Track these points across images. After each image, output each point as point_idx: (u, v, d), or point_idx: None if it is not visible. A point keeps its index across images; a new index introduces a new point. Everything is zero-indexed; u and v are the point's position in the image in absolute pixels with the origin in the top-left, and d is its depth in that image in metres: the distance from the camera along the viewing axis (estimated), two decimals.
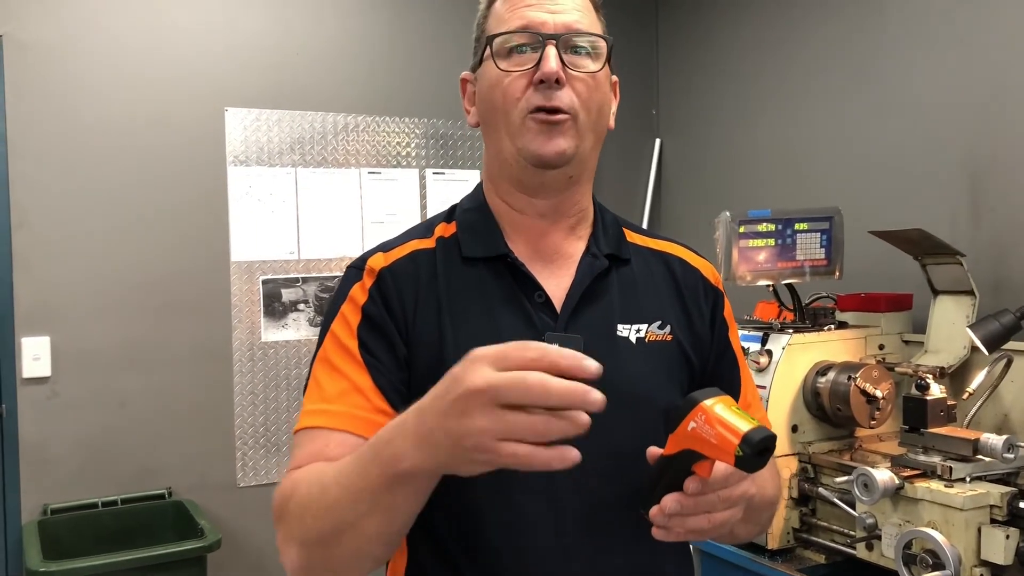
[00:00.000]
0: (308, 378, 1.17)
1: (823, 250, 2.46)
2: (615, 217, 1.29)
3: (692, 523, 0.95)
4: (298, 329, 3.27)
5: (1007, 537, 1.74)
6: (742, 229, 2.39)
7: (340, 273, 3.20)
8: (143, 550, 2.54)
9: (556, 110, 1.12)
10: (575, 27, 1.13)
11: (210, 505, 3.06)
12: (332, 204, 3.32)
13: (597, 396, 0.79)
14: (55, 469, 2.92)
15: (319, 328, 1.19)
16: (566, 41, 1.13)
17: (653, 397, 1.18)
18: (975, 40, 2.51)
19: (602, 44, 1.16)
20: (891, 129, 2.78)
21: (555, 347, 0.80)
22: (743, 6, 3.38)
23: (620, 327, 1.18)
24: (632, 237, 1.28)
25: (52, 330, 2.92)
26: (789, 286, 2.46)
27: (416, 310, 1.14)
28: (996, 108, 2.46)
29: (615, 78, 1.24)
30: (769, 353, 2.28)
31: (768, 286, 2.48)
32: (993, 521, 1.79)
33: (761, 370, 2.27)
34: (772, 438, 0.87)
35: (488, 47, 1.15)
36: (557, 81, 1.11)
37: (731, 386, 1.30)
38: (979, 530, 1.77)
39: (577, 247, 1.22)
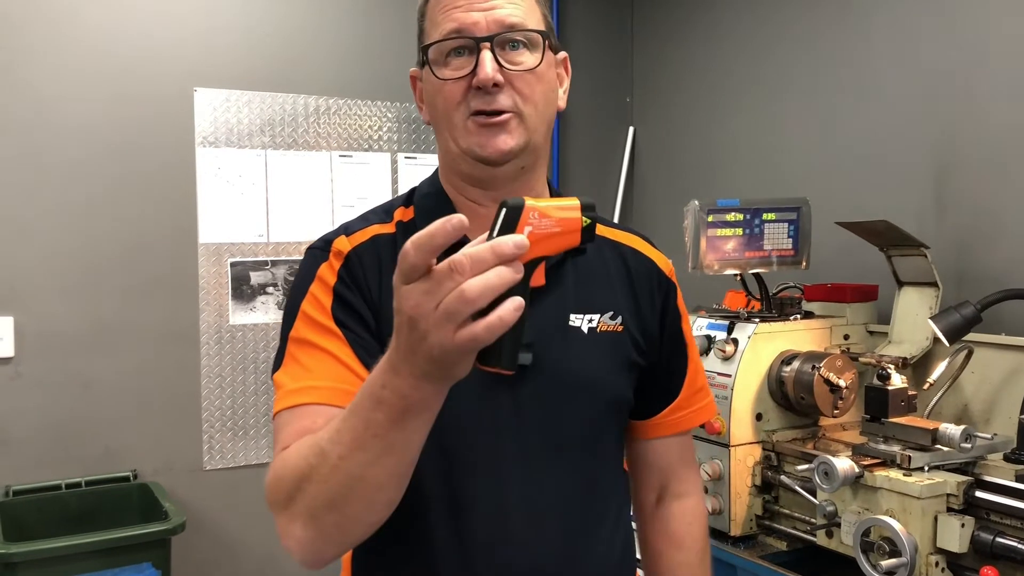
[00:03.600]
0: (279, 359, 1.14)
1: (790, 240, 2.47)
2: None
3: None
4: (266, 312, 3.25)
5: (962, 525, 1.76)
6: (710, 218, 2.40)
7: None
8: (108, 532, 2.51)
9: (497, 112, 1.11)
10: (508, 22, 1.11)
11: (176, 488, 3.04)
12: (302, 187, 3.29)
13: (458, 219, 0.78)
14: (18, 450, 2.88)
15: (284, 309, 1.18)
16: (501, 40, 1.11)
17: (602, 386, 1.20)
18: (944, 37, 2.53)
19: (538, 36, 1.14)
20: (860, 123, 2.80)
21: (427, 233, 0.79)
22: None
23: (573, 317, 1.20)
24: None
25: (15, 310, 2.88)
26: (756, 275, 2.47)
27: (380, 296, 1.14)
28: (963, 105, 2.48)
29: (563, 55, 1.24)
30: (735, 342, 2.29)
31: (735, 275, 2.49)
32: (949, 510, 1.81)
33: (727, 359, 2.28)
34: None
35: (424, 55, 1.15)
36: (496, 84, 1.10)
37: (682, 374, 1.33)
38: (935, 518, 1.80)
39: None
